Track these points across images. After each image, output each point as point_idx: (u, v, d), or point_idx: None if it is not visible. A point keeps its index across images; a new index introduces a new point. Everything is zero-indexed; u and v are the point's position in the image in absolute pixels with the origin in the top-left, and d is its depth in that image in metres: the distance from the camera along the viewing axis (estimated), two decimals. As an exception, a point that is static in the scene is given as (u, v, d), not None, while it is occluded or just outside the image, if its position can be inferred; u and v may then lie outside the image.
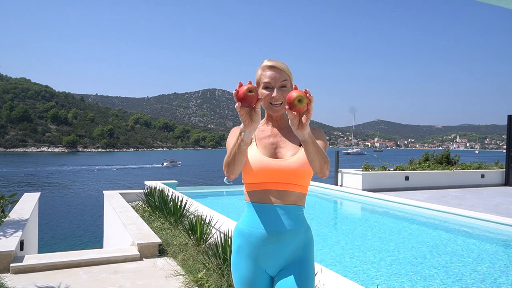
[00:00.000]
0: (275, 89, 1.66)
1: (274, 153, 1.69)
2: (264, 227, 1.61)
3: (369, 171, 12.33)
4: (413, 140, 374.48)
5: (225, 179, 1.78)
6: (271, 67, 1.68)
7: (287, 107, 1.45)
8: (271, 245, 1.61)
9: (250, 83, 1.49)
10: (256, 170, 1.64)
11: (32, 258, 4.20)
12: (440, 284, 4.39)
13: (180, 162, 74.95)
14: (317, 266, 3.27)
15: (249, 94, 1.47)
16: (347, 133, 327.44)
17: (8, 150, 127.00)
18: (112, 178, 48.52)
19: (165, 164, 71.93)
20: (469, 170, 13.82)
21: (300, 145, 1.70)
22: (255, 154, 1.67)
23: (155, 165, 71.51)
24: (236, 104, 1.47)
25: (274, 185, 1.64)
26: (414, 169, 13.24)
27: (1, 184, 39.37)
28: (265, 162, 1.65)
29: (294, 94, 1.45)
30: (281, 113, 1.73)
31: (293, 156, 1.66)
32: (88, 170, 60.72)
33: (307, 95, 1.45)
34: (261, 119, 1.76)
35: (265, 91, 1.68)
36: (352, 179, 12.32)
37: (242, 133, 1.51)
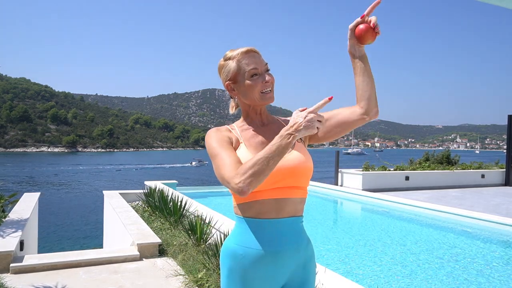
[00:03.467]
0: (265, 74, 1.44)
1: None
2: (261, 246, 1.38)
3: (369, 171, 12.32)
4: (413, 140, 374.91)
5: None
6: (249, 52, 1.46)
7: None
8: (267, 266, 1.38)
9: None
10: None
11: (32, 258, 4.19)
12: (440, 284, 4.39)
13: (206, 162, 76.65)
14: (319, 267, 3.26)
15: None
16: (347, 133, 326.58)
17: (8, 150, 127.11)
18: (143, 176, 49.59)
19: (193, 163, 75.96)
20: (469, 170, 13.82)
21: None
22: (248, 156, 1.40)
23: (185, 165, 76.20)
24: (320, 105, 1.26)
25: (271, 192, 1.39)
26: (414, 169, 13.24)
27: (1, 184, 39.31)
28: None
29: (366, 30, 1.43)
30: (269, 103, 1.48)
31: (289, 152, 1.42)
32: (108, 170, 61.88)
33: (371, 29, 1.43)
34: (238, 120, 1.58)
35: (254, 79, 1.44)
36: (352, 179, 12.32)
37: (297, 135, 1.25)
